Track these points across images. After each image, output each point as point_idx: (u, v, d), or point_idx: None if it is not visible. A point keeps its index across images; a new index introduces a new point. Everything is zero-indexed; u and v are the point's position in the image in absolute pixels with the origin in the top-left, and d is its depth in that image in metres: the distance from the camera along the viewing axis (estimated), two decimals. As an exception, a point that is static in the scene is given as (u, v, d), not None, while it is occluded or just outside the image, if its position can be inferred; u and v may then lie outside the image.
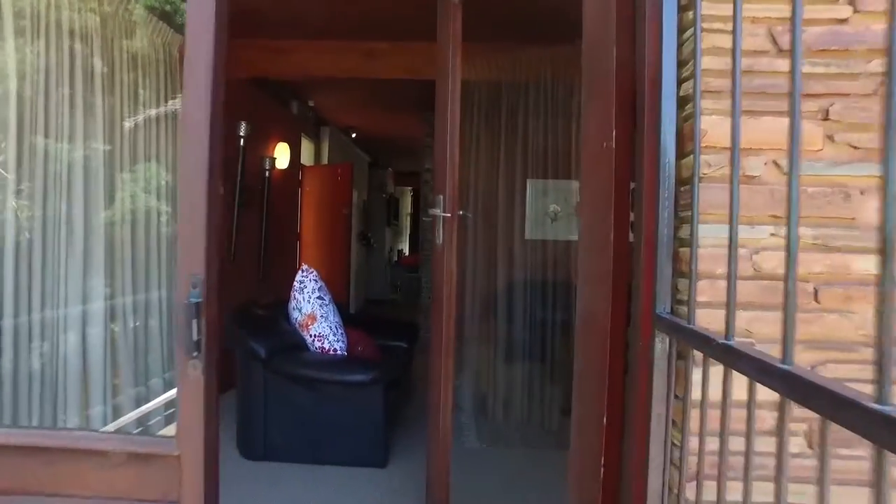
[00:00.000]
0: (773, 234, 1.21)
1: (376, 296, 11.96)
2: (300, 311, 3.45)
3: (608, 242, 1.29)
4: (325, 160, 7.91)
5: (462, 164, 2.30)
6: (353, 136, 8.58)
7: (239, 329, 3.36)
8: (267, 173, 5.26)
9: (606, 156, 1.29)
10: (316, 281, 3.52)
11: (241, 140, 4.57)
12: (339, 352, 3.39)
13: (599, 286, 1.32)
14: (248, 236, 5.19)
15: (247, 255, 5.12)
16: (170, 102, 2.90)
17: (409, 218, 14.91)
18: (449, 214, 2.15)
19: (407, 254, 13.68)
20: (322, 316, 3.41)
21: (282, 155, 5.88)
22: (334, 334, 3.41)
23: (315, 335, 3.38)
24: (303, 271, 3.54)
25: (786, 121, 0.83)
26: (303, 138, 7.31)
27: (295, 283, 3.52)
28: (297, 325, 3.47)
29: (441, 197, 2.19)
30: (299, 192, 7.06)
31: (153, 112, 2.86)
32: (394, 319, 5.02)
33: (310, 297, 3.44)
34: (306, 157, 7.66)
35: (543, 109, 4.89)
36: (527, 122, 5.01)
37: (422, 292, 7.44)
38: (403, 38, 4.83)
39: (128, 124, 2.73)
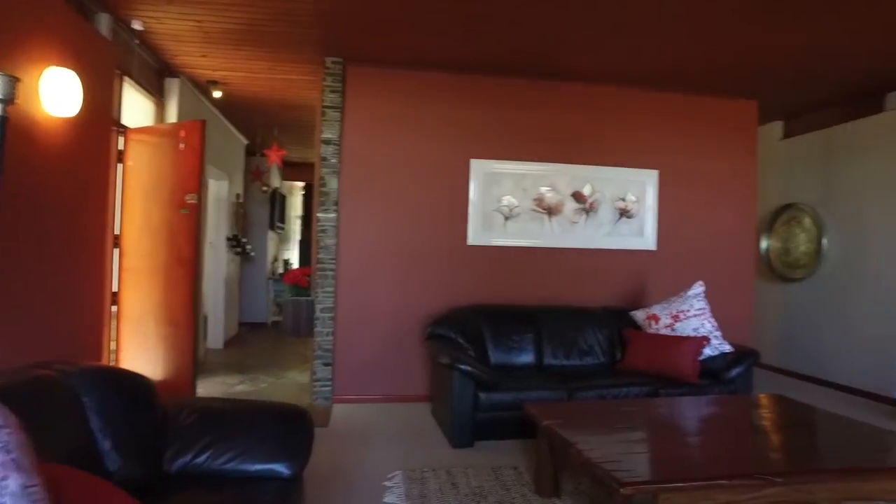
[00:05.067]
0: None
1: (255, 317, 9.10)
2: None
3: None
4: (169, 127, 5.09)
5: None
6: (218, 95, 5.81)
7: None
8: None
9: None
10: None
11: None
12: None
13: None
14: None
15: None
16: None
17: (300, 221, 12.09)
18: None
19: (296, 265, 10.81)
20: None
21: (54, 88, 3.10)
22: None
23: None
24: None
25: None
26: (128, 85, 4.49)
27: None
28: None
29: None
30: (119, 168, 4.25)
31: None
32: (261, 409, 2.39)
33: None
34: (138, 118, 4.82)
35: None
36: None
37: (315, 323, 4.87)
38: None
39: None
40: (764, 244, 6.62)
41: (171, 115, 5.29)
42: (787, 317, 6.34)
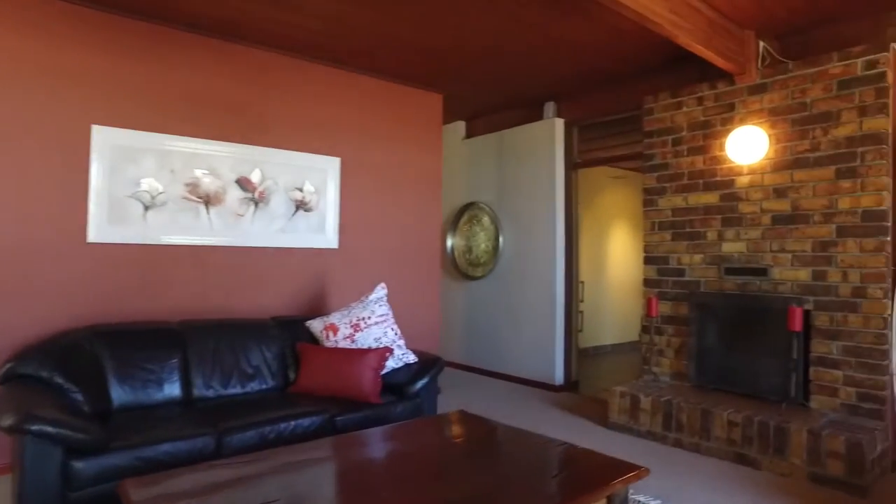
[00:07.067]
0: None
1: None
2: None
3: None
4: None
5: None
6: None
7: None
8: None
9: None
10: None
11: None
12: None
13: None
14: None
15: None
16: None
17: None
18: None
19: None
20: None
21: None
22: None
23: None
24: None
25: None
26: None
27: None
28: None
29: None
30: None
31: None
32: None
33: None
34: None
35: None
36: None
37: None
38: None
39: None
40: (449, 242, 6.53)
41: None
42: (471, 315, 6.33)
